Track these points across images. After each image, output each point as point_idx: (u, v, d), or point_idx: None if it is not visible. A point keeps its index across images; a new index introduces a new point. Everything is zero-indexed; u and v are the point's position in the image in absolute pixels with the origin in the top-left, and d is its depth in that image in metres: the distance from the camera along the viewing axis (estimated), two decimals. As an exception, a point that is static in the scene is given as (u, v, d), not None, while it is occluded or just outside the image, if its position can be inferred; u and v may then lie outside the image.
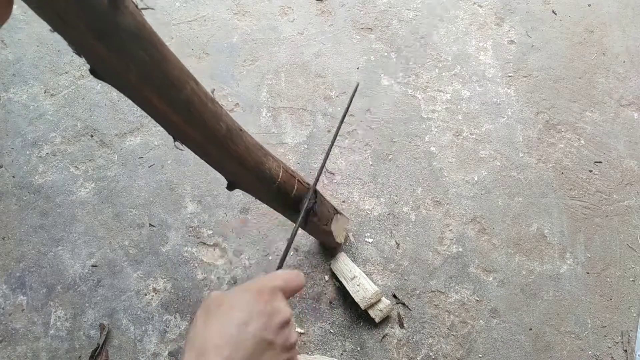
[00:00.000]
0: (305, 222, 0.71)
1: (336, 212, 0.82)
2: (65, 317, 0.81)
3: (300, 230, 0.90)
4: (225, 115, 0.56)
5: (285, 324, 0.44)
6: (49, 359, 0.78)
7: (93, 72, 0.45)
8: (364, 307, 0.80)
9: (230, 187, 0.66)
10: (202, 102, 0.52)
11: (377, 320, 0.81)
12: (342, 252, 0.86)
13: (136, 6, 0.41)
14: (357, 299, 0.80)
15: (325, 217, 0.79)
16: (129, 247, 0.88)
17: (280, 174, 0.66)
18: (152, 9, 0.55)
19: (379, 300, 0.81)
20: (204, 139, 0.55)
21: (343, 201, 0.94)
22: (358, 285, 0.81)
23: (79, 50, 0.41)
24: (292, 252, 0.90)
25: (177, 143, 0.58)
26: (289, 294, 0.47)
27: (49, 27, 0.40)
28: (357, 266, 0.87)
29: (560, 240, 0.94)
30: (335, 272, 0.85)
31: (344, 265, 0.84)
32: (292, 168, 0.73)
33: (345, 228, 0.85)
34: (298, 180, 0.71)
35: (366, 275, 0.88)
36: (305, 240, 0.90)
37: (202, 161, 0.99)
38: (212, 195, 0.94)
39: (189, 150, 0.60)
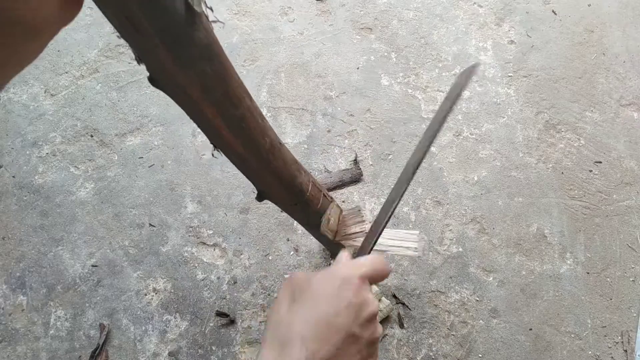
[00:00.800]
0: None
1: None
2: (65, 317, 0.81)
3: (302, 230, 0.90)
4: (270, 129, 0.57)
5: (373, 317, 0.42)
6: (49, 359, 0.78)
7: (152, 80, 0.45)
8: None
9: (260, 197, 0.66)
10: (254, 118, 0.53)
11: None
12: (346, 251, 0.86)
13: (207, 18, 0.41)
14: None
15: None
16: (129, 247, 0.88)
17: (310, 188, 0.67)
18: (223, 23, 0.56)
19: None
20: (247, 153, 0.55)
21: (343, 201, 0.94)
22: None
23: (144, 57, 0.41)
24: (292, 252, 0.90)
25: (215, 152, 0.57)
26: (375, 282, 0.45)
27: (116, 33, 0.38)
28: None
29: (560, 240, 0.94)
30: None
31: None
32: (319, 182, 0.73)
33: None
34: (324, 194, 0.72)
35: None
36: (305, 240, 0.90)
37: (202, 161, 0.99)
38: (212, 195, 0.94)
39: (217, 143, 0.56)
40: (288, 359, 0.36)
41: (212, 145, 0.56)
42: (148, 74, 0.44)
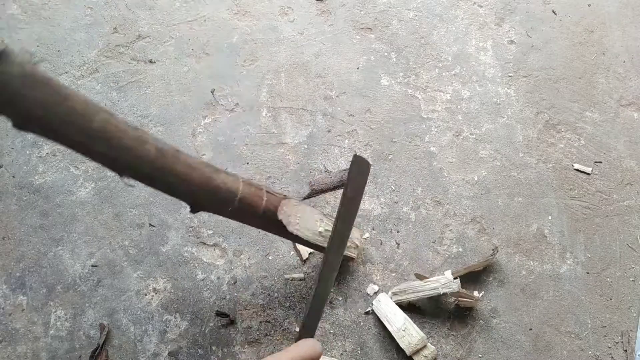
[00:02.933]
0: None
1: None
2: (65, 317, 0.81)
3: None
4: (153, 139, 0.56)
5: None
6: (49, 359, 0.78)
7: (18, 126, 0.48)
8: (410, 354, 0.79)
9: (193, 209, 0.66)
10: (119, 129, 0.53)
11: None
12: (384, 294, 0.85)
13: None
14: (402, 345, 0.80)
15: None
16: (129, 247, 0.88)
17: (241, 186, 0.66)
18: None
19: (424, 347, 0.80)
20: (135, 165, 0.55)
21: (343, 201, 0.94)
22: (404, 330, 0.80)
23: None
24: (292, 252, 0.90)
25: (124, 179, 0.58)
26: None
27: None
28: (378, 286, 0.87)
29: (560, 240, 0.94)
30: (378, 314, 0.83)
31: (389, 309, 0.83)
32: (261, 181, 0.72)
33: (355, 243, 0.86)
34: (267, 191, 0.70)
35: (368, 274, 0.88)
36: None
37: (202, 161, 0.99)
38: (212, 195, 0.94)
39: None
40: None
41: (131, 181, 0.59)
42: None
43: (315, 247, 0.80)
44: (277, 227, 0.73)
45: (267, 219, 0.71)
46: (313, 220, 0.77)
